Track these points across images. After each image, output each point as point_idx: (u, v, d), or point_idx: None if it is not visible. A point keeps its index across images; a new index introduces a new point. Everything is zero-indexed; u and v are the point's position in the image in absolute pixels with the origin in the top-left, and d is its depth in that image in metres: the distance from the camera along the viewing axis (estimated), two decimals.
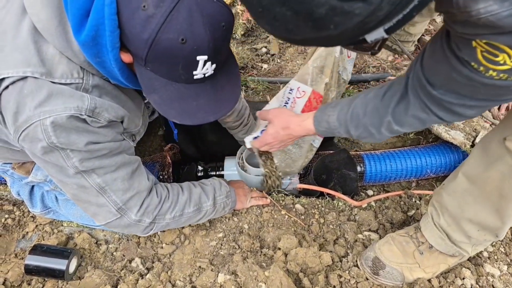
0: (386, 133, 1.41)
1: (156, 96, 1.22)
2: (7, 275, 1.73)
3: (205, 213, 1.72)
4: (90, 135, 1.26)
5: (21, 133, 1.21)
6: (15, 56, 1.17)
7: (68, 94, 1.19)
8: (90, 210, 1.48)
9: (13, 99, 1.17)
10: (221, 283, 1.65)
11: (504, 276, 1.75)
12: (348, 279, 1.68)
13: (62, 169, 1.31)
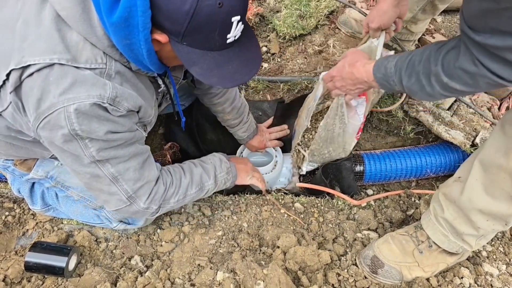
0: (437, 87, 1.30)
1: (197, 67, 1.25)
2: (7, 272, 1.74)
3: (207, 191, 1.76)
4: (110, 124, 1.28)
5: (42, 120, 1.22)
6: (40, 44, 1.19)
7: (91, 82, 1.21)
8: (101, 198, 1.51)
9: (38, 85, 1.19)
10: (220, 281, 1.66)
11: (502, 276, 1.76)
12: (347, 278, 1.68)
13: (78, 158, 1.33)
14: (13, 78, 1.21)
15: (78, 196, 1.81)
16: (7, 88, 1.24)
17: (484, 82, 1.18)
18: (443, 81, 1.26)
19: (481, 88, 1.23)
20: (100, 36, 1.21)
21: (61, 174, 1.77)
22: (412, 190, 2.11)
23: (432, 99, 1.46)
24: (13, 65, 1.19)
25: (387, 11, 1.84)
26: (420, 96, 1.41)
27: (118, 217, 1.82)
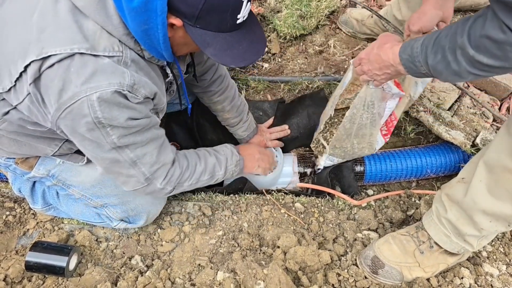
0: (463, 63, 1.19)
1: (211, 49, 1.29)
2: (7, 272, 1.74)
3: (217, 179, 1.85)
4: (129, 111, 1.33)
5: (64, 110, 1.25)
6: (59, 35, 1.22)
7: (111, 70, 1.25)
8: (119, 180, 1.58)
9: (59, 76, 1.22)
10: (220, 281, 1.66)
11: (502, 276, 1.76)
12: (347, 278, 1.68)
13: (99, 145, 1.38)
14: (32, 70, 1.22)
15: (79, 194, 1.81)
16: (23, 80, 1.26)
17: (510, 55, 1.08)
18: (469, 54, 1.15)
19: (505, 60, 1.11)
20: (116, 24, 1.25)
21: (62, 172, 1.77)
22: (412, 191, 2.11)
23: (459, 79, 1.31)
24: (34, 56, 1.21)
25: (428, 13, 1.70)
26: (446, 76, 1.31)
27: (118, 216, 1.83)
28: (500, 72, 1.19)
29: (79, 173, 1.78)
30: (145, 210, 1.84)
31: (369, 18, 2.52)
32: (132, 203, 1.82)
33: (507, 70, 1.18)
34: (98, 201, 1.81)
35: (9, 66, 1.28)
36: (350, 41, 2.65)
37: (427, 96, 2.29)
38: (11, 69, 1.27)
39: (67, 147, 1.67)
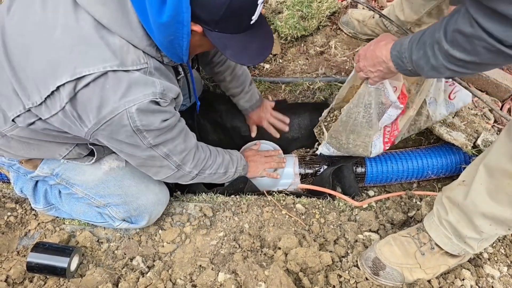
0: (440, 57, 1.24)
1: (230, 50, 1.38)
2: (9, 272, 1.75)
3: (227, 177, 2.01)
4: (161, 114, 1.43)
5: (104, 123, 1.34)
6: (90, 54, 1.26)
7: (143, 83, 1.33)
8: (151, 171, 1.71)
9: (96, 94, 1.28)
10: (221, 282, 1.66)
11: (504, 278, 1.76)
12: (348, 279, 1.68)
13: (136, 147, 1.49)
14: (67, 90, 1.27)
15: (82, 193, 1.81)
16: (56, 97, 1.30)
17: (482, 47, 1.11)
18: (444, 48, 1.21)
19: (480, 55, 1.14)
20: (140, 36, 1.32)
21: (66, 171, 1.78)
22: (413, 192, 2.11)
23: (437, 74, 1.34)
24: (68, 77, 1.25)
25: None
26: (427, 71, 1.35)
27: (121, 215, 1.84)
28: (474, 68, 1.22)
29: (83, 172, 1.79)
30: (147, 210, 1.84)
31: (371, 18, 2.52)
32: (135, 203, 1.82)
33: (479, 66, 1.21)
34: (101, 200, 1.82)
35: (36, 83, 1.31)
36: (351, 42, 2.65)
37: None
38: (40, 87, 1.30)
39: (76, 152, 1.71)
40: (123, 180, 1.83)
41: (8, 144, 1.62)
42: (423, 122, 2.09)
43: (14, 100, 1.38)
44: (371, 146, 2.09)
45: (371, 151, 2.11)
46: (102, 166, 1.82)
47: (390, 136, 2.06)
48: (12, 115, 1.41)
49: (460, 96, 2.08)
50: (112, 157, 1.84)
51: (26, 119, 1.41)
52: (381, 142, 2.08)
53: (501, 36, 1.04)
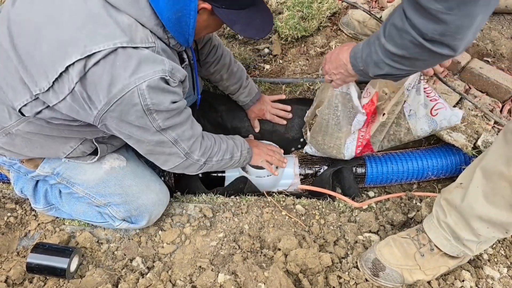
0: (379, 52, 1.32)
1: (238, 25, 1.45)
2: (9, 273, 1.75)
3: (233, 162, 1.97)
4: (171, 95, 1.43)
5: (114, 103, 1.33)
6: (99, 31, 1.28)
7: (152, 60, 1.34)
8: (160, 159, 1.69)
9: (107, 72, 1.29)
10: (221, 283, 1.66)
11: (504, 279, 1.76)
12: (348, 280, 1.68)
13: (146, 130, 1.48)
14: (77, 69, 1.28)
15: (83, 192, 1.82)
16: (64, 80, 1.31)
17: (408, 41, 1.18)
18: (382, 42, 1.28)
19: (408, 49, 1.22)
20: (148, 15, 1.35)
21: (67, 170, 1.79)
22: (413, 193, 2.11)
23: (379, 69, 1.40)
24: (78, 55, 1.26)
25: None
26: (371, 67, 1.42)
27: (121, 215, 1.84)
28: (407, 64, 1.30)
29: (84, 171, 1.80)
30: (148, 210, 1.84)
31: (371, 19, 2.52)
32: (135, 203, 1.83)
33: (410, 61, 1.29)
34: (101, 199, 1.82)
35: (44, 68, 1.32)
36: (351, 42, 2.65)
37: None
38: (47, 71, 1.31)
39: (81, 150, 1.72)
40: (124, 179, 1.83)
41: (12, 142, 1.62)
42: (403, 134, 2.08)
43: (20, 89, 1.40)
44: (343, 149, 2.14)
45: (344, 153, 2.15)
46: (103, 165, 1.82)
47: (362, 140, 2.09)
48: (19, 105, 1.42)
49: (444, 114, 2.01)
50: (113, 157, 1.85)
51: (33, 108, 1.42)
52: (354, 146, 2.12)
53: (422, 29, 1.12)
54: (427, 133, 2.08)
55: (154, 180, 1.93)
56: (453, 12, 1.05)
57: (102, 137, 1.71)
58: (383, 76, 1.45)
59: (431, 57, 1.23)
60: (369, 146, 2.13)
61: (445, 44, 1.16)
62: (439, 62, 1.39)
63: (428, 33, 1.13)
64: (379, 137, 2.08)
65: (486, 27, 2.69)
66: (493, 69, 2.42)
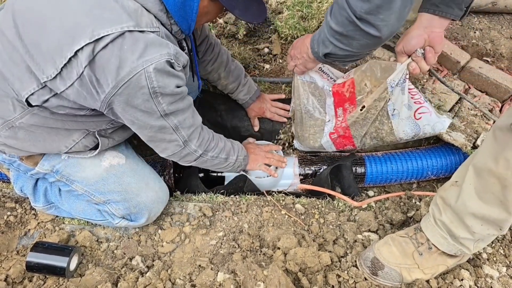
0: (325, 29, 1.50)
1: (237, 10, 1.50)
2: (8, 272, 1.75)
3: (227, 165, 1.99)
4: (175, 79, 1.46)
5: (122, 85, 1.36)
6: (106, 16, 1.32)
7: (158, 43, 1.38)
8: (160, 147, 1.72)
9: (115, 55, 1.32)
10: (220, 281, 1.66)
11: (503, 278, 1.76)
12: (347, 279, 1.69)
13: (150, 115, 1.51)
14: (86, 53, 1.31)
15: (83, 190, 1.82)
16: (73, 65, 1.34)
17: (345, 18, 1.34)
18: (327, 19, 1.42)
19: (345, 27, 1.39)
20: (153, 0, 1.40)
21: (67, 167, 1.79)
22: (412, 192, 2.11)
23: (324, 47, 1.57)
24: (87, 39, 1.29)
25: (411, 33, 1.75)
26: (321, 47, 1.58)
27: (121, 212, 1.84)
28: (346, 43, 1.46)
29: (83, 168, 1.80)
30: (147, 208, 1.85)
31: None
32: (135, 200, 1.83)
33: (346, 39, 1.45)
34: (101, 197, 1.83)
35: (51, 55, 1.34)
36: None
37: (428, 97, 2.29)
38: (55, 57, 1.34)
39: (83, 144, 1.74)
40: (123, 177, 1.84)
41: (14, 136, 1.62)
42: (386, 134, 2.08)
43: (27, 78, 1.42)
44: (320, 138, 2.20)
45: (321, 143, 2.20)
46: (103, 163, 1.83)
47: (339, 129, 2.10)
48: (26, 94, 1.43)
49: (429, 120, 2.01)
50: (112, 154, 1.86)
51: (40, 96, 1.44)
52: (327, 134, 2.17)
53: (353, 5, 1.25)
54: (409, 137, 2.08)
55: (153, 178, 1.94)
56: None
57: (105, 130, 1.73)
58: (330, 57, 1.60)
59: (362, 36, 1.40)
60: (350, 139, 2.14)
61: (371, 23, 1.33)
62: (371, 44, 1.47)
63: (357, 10, 1.28)
64: (360, 131, 2.09)
65: (486, 26, 2.70)
66: (493, 68, 2.42)
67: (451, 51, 2.46)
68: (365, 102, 1.96)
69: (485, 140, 1.45)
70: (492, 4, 2.67)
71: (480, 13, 2.77)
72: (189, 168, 2.26)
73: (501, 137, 1.34)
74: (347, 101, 2.06)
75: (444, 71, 2.46)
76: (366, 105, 1.96)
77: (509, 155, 1.32)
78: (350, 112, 2.04)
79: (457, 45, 2.56)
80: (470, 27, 2.70)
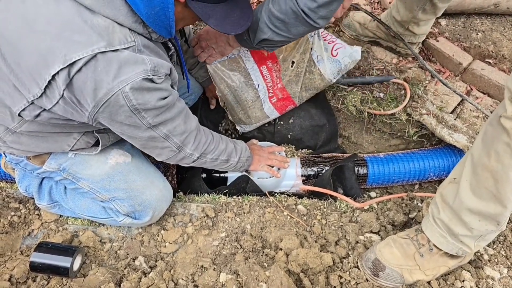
0: (264, 16, 1.60)
1: (212, 19, 1.44)
2: (12, 272, 1.76)
3: (229, 166, 2.01)
4: (157, 92, 1.44)
5: (102, 105, 1.36)
6: (76, 39, 1.28)
7: (133, 61, 1.34)
8: (154, 152, 1.73)
9: (90, 78, 1.30)
10: (222, 282, 1.67)
11: (504, 279, 1.76)
12: (349, 280, 1.69)
13: (137, 128, 1.51)
14: (62, 77, 1.30)
15: (88, 187, 1.84)
16: (54, 86, 1.33)
17: (289, 8, 1.49)
18: (268, 6, 1.54)
19: (287, 15, 1.52)
20: (125, 13, 1.34)
21: (73, 165, 1.81)
22: (414, 193, 2.11)
23: (262, 34, 1.66)
24: (60, 65, 1.27)
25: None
26: (257, 34, 1.67)
27: (125, 210, 1.85)
28: (283, 29, 1.58)
29: (89, 166, 1.82)
30: (151, 206, 1.86)
31: (372, 21, 2.53)
32: (140, 198, 1.84)
33: (287, 26, 1.57)
34: (106, 194, 1.84)
35: (32, 76, 1.33)
36: (353, 44, 2.65)
37: (430, 99, 2.30)
38: (37, 79, 1.33)
39: (84, 140, 1.75)
40: (128, 175, 1.85)
41: (18, 140, 1.65)
42: (318, 81, 2.20)
43: (16, 95, 1.42)
44: (263, 108, 2.30)
45: (266, 113, 2.28)
46: (109, 160, 1.84)
47: (275, 90, 2.18)
48: (18, 110, 1.45)
49: (344, 52, 2.16)
50: (119, 152, 1.87)
51: (31, 111, 1.45)
52: (268, 100, 2.23)
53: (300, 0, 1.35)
54: (336, 75, 2.19)
55: (158, 177, 1.95)
56: None
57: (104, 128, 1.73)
58: (265, 42, 1.68)
59: (303, 25, 1.55)
60: (289, 99, 2.23)
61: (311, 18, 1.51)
62: (307, 31, 1.63)
63: (301, 4, 1.45)
64: (295, 88, 2.18)
65: (488, 28, 2.70)
66: (495, 70, 2.43)
67: (453, 53, 2.47)
68: (293, 58, 2.06)
69: (478, 135, 1.45)
70: (494, 6, 2.67)
71: (483, 14, 2.78)
72: (192, 169, 2.28)
73: (491, 130, 1.35)
74: (268, 59, 2.13)
75: (446, 73, 2.47)
76: (294, 60, 2.05)
77: (498, 148, 1.32)
78: (276, 71, 2.11)
79: (459, 46, 2.56)
80: (473, 28, 2.70)
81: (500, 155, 1.33)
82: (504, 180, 1.36)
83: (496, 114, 1.33)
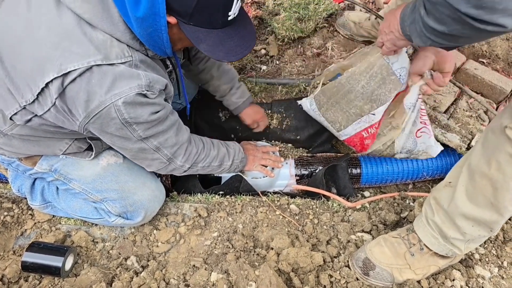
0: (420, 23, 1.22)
1: (204, 44, 1.39)
2: (4, 272, 1.76)
3: (222, 169, 2.03)
4: (150, 107, 1.45)
5: (93, 117, 1.38)
6: (73, 50, 1.30)
7: (128, 75, 1.35)
8: (144, 163, 1.76)
9: (83, 89, 1.32)
10: (213, 281, 1.68)
11: (494, 278, 1.76)
12: (339, 279, 1.70)
13: (127, 140, 1.53)
14: (55, 86, 1.31)
15: (80, 188, 1.84)
16: (46, 94, 1.35)
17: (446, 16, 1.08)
18: (421, 14, 1.19)
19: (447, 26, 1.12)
20: (123, 30, 1.35)
21: (65, 166, 1.82)
22: (406, 193, 2.12)
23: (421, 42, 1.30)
24: (55, 73, 1.29)
25: (419, 56, 1.73)
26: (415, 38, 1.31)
27: (117, 210, 1.86)
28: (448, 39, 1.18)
29: (81, 167, 1.83)
30: (143, 206, 1.86)
31: (366, 20, 2.53)
32: (131, 199, 1.85)
33: (451, 37, 1.16)
34: (97, 195, 1.85)
35: (27, 81, 1.35)
36: (348, 44, 2.66)
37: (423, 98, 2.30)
38: (30, 85, 1.35)
39: (76, 146, 1.76)
40: (120, 175, 1.86)
41: (9, 143, 1.67)
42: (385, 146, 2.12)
43: (9, 99, 1.43)
44: (350, 122, 2.08)
45: (343, 130, 2.13)
46: (100, 161, 1.85)
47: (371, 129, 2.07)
48: (9, 114, 1.46)
49: (425, 141, 2.07)
50: (110, 153, 1.88)
51: (23, 116, 1.46)
52: (356, 130, 2.09)
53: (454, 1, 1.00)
54: (404, 152, 2.12)
55: (150, 177, 1.95)
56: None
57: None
58: None
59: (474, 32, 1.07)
60: (363, 145, 2.15)
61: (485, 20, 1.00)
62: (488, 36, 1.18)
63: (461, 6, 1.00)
64: (377, 142, 2.11)
65: None
66: (488, 70, 2.43)
67: None
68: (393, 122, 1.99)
69: (478, 142, 1.45)
70: None
71: None
72: None
73: (493, 139, 1.34)
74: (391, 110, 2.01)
75: None
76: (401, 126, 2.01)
77: (500, 157, 1.32)
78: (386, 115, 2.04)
79: None
80: None
81: (502, 165, 1.32)
82: (504, 189, 1.35)
83: (500, 123, 1.31)
